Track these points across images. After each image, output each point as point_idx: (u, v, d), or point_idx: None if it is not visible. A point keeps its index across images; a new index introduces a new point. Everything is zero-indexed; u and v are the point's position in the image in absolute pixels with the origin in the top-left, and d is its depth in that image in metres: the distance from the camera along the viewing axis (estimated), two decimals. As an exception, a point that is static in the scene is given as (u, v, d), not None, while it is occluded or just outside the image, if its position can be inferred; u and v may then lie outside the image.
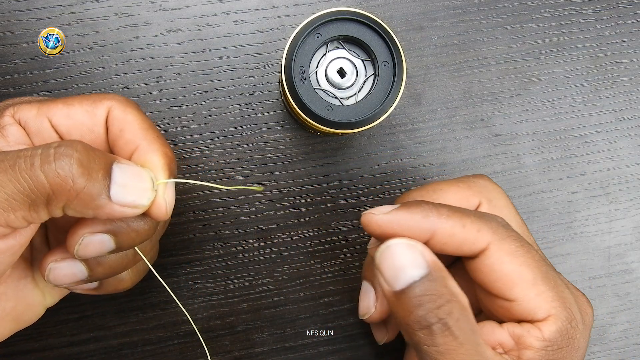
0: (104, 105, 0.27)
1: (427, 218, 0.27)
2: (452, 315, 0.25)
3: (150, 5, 0.38)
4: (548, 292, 0.27)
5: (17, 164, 0.23)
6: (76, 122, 0.27)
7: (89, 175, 0.23)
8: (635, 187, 0.41)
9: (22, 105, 0.27)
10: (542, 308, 0.27)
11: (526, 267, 0.27)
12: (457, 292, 0.26)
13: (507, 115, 0.40)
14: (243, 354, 0.39)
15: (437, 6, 0.39)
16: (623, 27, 0.41)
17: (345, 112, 0.33)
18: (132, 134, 0.27)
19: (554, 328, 0.27)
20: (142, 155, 0.27)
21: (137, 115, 0.28)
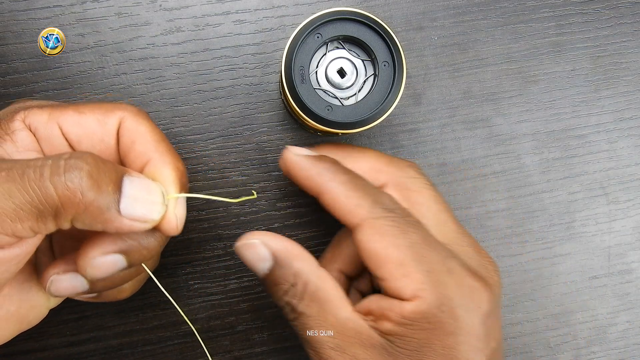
0: (116, 115, 0.27)
1: (320, 175, 0.29)
2: (295, 296, 0.28)
3: (150, 5, 0.38)
4: (416, 275, 0.27)
5: (26, 174, 0.22)
6: (87, 131, 0.27)
7: (98, 188, 0.23)
8: (635, 187, 0.41)
9: (32, 110, 0.27)
10: (407, 288, 0.27)
11: (394, 248, 0.28)
12: (302, 272, 0.28)
13: (507, 115, 0.40)
14: (243, 354, 0.39)
15: (437, 6, 0.39)
16: (623, 27, 0.41)
17: (345, 112, 0.33)
18: (144, 146, 0.27)
19: (414, 308, 0.27)
20: (154, 168, 0.27)
21: (149, 127, 0.28)
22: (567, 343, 0.41)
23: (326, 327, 0.28)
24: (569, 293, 0.41)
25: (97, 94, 0.37)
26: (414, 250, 0.28)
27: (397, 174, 0.32)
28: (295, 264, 0.29)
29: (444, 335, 0.27)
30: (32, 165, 0.23)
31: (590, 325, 0.41)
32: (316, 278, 0.29)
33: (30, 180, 0.22)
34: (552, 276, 0.41)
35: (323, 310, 0.28)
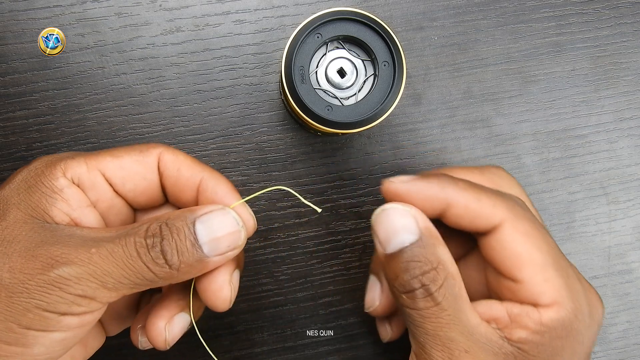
0: (153, 153, 0.29)
1: (444, 189, 0.27)
2: (435, 282, 0.26)
3: (150, 5, 0.38)
4: (556, 279, 0.27)
5: (116, 253, 0.24)
6: (129, 172, 0.28)
7: (183, 253, 0.25)
8: (635, 187, 0.41)
9: (69, 162, 0.27)
10: (547, 294, 0.26)
11: (537, 250, 0.27)
12: (445, 260, 0.27)
13: (507, 115, 0.40)
14: (243, 354, 0.39)
15: (437, 6, 0.39)
16: (623, 27, 0.41)
17: (345, 112, 0.33)
18: (191, 170, 0.29)
19: (555, 316, 0.26)
20: (210, 183, 0.28)
21: (186, 155, 0.29)
22: (567, 343, 0.41)
23: (460, 328, 0.26)
24: (569, 293, 0.41)
25: (97, 94, 0.37)
26: (553, 255, 0.27)
27: (494, 180, 0.31)
28: (439, 249, 0.27)
29: (575, 343, 0.27)
30: (118, 244, 0.25)
31: (590, 325, 0.41)
32: (455, 270, 0.27)
33: (123, 259, 0.24)
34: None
35: (459, 309, 0.26)
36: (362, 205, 0.39)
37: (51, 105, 0.37)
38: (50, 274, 0.23)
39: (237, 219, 0.27)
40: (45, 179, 0.27)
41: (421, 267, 0.26)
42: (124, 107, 0.38)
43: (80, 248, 0.24)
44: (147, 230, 0.25)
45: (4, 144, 0.37)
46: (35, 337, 0.24)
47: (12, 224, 0.25)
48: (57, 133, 0.37)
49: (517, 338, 0.26)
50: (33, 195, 0.26)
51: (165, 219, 0.26)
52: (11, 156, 0.37)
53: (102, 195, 0.28)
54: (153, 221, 0.26)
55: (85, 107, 0.37)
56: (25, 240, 0.25)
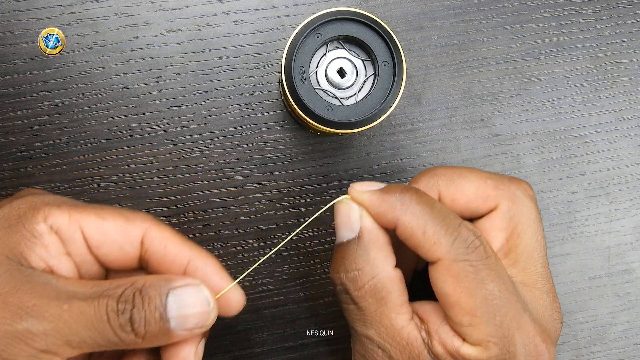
0: (139, 226, 0.28)
1: (394, 209, 0.27)
2: (355, 284, 0.27)
3: (150, 5, 0.38)
4: (484, 327, 0.26)
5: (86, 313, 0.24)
6: (108, 239, 0.28)
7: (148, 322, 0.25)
8: (635, 187, 0.41)
9: (53, 210, 0.27)
10: (472, 337, 0.26)
11: (468, 296, 0.26)
12: (374, 264, 0.27)
13: (507, 115, 0.40)
14: (243, 354, 0.39)
15: (437, 6, 0.39)
16: (623, 27, 0.41)
17: (345, 112, 0.33)
18: (178, 248, 0.28)
19: (473, 354, 0.26)
20: (199, 264, 0.28)
21: (173, 232, 0.29)
22: (567, 343, 0.41)
23: (377, 327, 0.27)
24: (569, 293, 0.41)
25: (97, 94, 0.37)
26: (488, 301, 0.26)
27: (506, 201, 0.30)
28: (372, 252, 0.27)
29: None
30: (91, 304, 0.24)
31: (590, 325, 0.41)
32: (387, 277, 0.27)
33: (92, 320, 0.24)
34: (552, 276, 0.41)
35: (381, 311, 0.27)
36: (362, 205, 0.39)
37: (51, 105, 0.37)
38: (18, 326, 0.23)
39: (209, 299, 0.27)
40: (27, 221, 0.26)
41: (345, 266, 0.27)
42: (124, 107, 0.38)
43: (52, 302, 0.24)
44: (121, 296, 0.25)
45: (4, 144, 0.37)
46: None
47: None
48: (57, 133, 0.37)
49: (436, 351, 0.27)
50: (13, 236, 0.26)
51: (141, 286, 0.25)
52: (11, 156, 0.37)
53: (77, 250, 0.27)
54: (128, 285, 0.25)
55: (85, 107, 0.37)
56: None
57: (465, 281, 0.26)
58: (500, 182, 0.30)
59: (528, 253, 0.30)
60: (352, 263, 0.27)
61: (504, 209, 0.30)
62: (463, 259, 0.26)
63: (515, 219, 0.30)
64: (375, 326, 0.27)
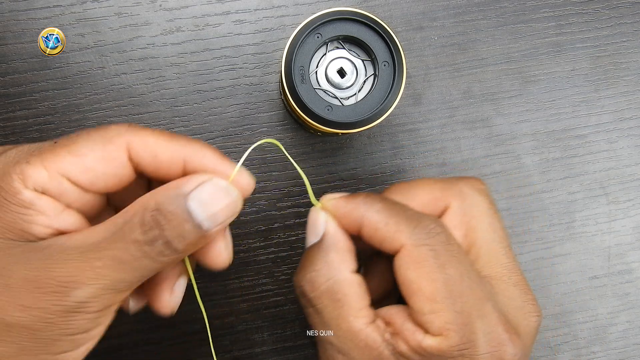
0: (118, 144, 0.25)
1: (357, 208, 0.28)
2: (312, 284, 0.27)
3: (150, 5, 0.38)
4: (445, 314, 0.26)
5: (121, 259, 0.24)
6: (95, 173, 0.25)
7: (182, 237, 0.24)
8: (635, 187, 0.41)
9: (24, 169, 0.24)
10: (433, 324, 0.26)
11: (428, 282, 0.26)
12: (331, 266, 0.27)
13: (507, 115, 0.40)
14: (243, 354, 0.39)
15: (437, 6, 0.39)
16: (623, 27, 0.41)
17: (345, 112, 0.33)
18: (169, 151, 0.26)
19: (435, 345, 0.26)
20: (196, 159, 0.26)
21: (157, 134, 0.27)
22: (567, 343, 0.41)
23: (335, 331, 0.27)
24: (569, 293, 0.41)
25: (97, 94, 0.37)
26: (449, 287, 0.26)
27: (455, 199, 0.30)
28: (331, 254, 0.28)
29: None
30: (118, 248, 0.24)
31: (590, 325, 0.41)
32: (343, 279, 0.27)
33: (129, 262, 0.24)
34: (552, 276, 0.41)
35: (338, 314, 0.27)
36: (362, 205, 0.39)
37: (51, 105, 0.37)
38: (66, 302, 0.23)
39: (228, 188, 0.26)
40: (6, 194, 0.24)
41: (305, 268, 0.28)
42: (124, 107, 0.38)
43: (83, 264, 0.23)
44: (142, 224, 0.24)
45: (4, 144, 0.37)
46: (66, 357, 0.24)
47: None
48: (57, 133, 0.37)
49: (399, 349, 0.27)
50: (5, 216, 0.24)
51: (154, 205, 0.24)
52: (11, 156, 0.37)
53: (72, 197, 0.25)
54: (140, 210, 0.24)
55: (85, 107, 0.37)
56: (20, 269, 0.23)
57: (427, 265, 0.26)
58: (448, 183, 0.31)
59: (487, 246, 0.30)
60: (311, 265, 0.28)
61: (455, 207, 0.30)
62: (424, 243, 0.27)
63: (467, 214, 0.30)
64: (334, 330, 0.27)
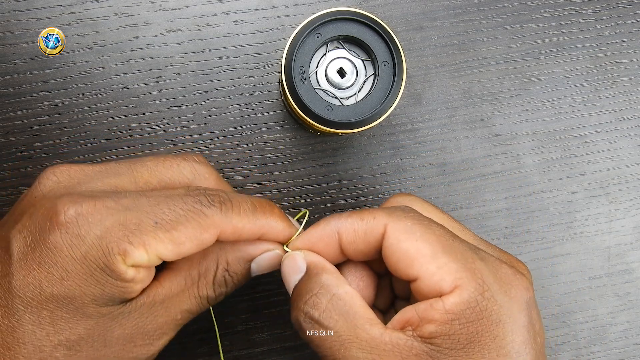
0: (212, 235, 0.27)
1: (328, 223, 0.29)
2: (317, 307, 0.27)
3: (150, 5, 0.38)
4: (451, 264, 0.26)
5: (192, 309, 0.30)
6: (185, 254, 0.27)
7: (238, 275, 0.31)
8: (635, 187, 0.41)
9: (128, 249, 0.25)
10: (446, 280, 0.25)
11: (423, 242, 0.26)
12: (328, 284, 0.27)
13: (507, 115, 0.40)
14: (243, 354, 0.39)
15: (437, 6, 0.39)
16: (623, 27, 0.41)
17: (345, 112, 0.33)
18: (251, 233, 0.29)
19: (458, 299, 0.25)
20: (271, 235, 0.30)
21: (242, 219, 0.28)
22: (567, 343, 0.41)
23: (357, 344, 0.26)
24: (569, 293, 0.41)
25: (97, 94, 0.37)
26: (443, 242, 0.27)
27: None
28: (323, 277, 0.28)
29: (491, 325, 0.25)
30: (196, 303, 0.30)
31: (590, 325, 0.41)
32: (344, 292, 0.27)
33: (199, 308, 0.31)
34: (552, 276, 0.41)
35: (353, 326, 0.26)
36: (362, 205, 0.39)
37: (51, 105, 0.37)
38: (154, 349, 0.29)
39: (280, 254, 0.30)
40: (112, 274, 0.26)
41: (302, 298, 0.27)
42: (124, 107, 0.38)
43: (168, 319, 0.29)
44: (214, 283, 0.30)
45: (4, 144, 0.37)
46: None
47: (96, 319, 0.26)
48: (57, 133, 0.37)
49: (428, 334, 0.25)
50: (105, 289, 0.26)
51: (225, 265, 0.30)
52: (11, 156, 0.37)
53: None
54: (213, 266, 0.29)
55: (85, 107, 0.37)
56: (115, 329, 0.27)
57: (416, 231, 0.27)
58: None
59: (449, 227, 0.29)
60: (306, 293, 0.27)
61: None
62: (404, 217, 0.28)
63: None
64: (353, 343, 0.26)
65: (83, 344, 0.26)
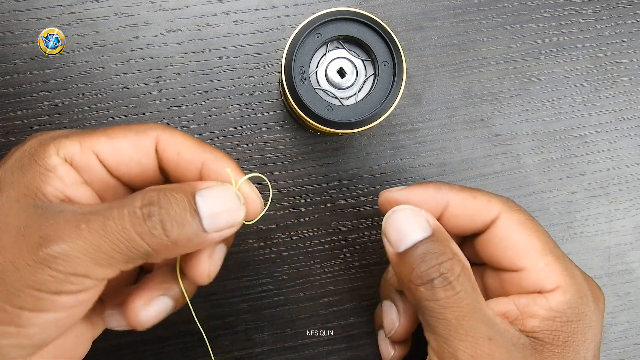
0: (149, 136, 0.27)
1: (440, 190, 0.29)
2: (453, 271, 0.26)
3: (150, 5, 0.38)
4: (557, 264, 0.27)
5: (107, 226, 0.23)
6: (123, 156, 0.27)
7: (180, 224, 0.24)
8: (635, 187, 0.41)
9: (62, 141, 0.26)
10: (550, 278, 0.27)
11: (536, 238, 0.28)
12: (459, 253, 0.27)
13: (507, 115, 0.40)
14: (243, 354, 0.39)
15: (437, 6, 0.39)
16: (623, 27, 0.41)
17: (345, 112, 0.33)
18: (192, 153, 0.27)
19: (562, 299, 0.27)
20: (213, 166, 0.27)
21: (185, 135, 0.28)
22: (567, 343, 0.41)
23: (480, 317, 0.26)
24: (569, 293, 0.41)
25: (97, 94, 0.37)
26: (550, 242, 0.28)
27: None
28: (452, 244, 0.28)
29: (585, 328, 0.27)
30: (109, 216, 0.23)
31: (590, 325, 0.41)
32: (469, 267, 0.27)
33: (114, 232, 0.23)
34: (552, 276, 0.41)
35: (477, 300, 0.26)
36: (362, 205, 0.39)
37: (51, 105, 0.37)
38: (39, 252, 0.23)
39: (238, 194, 0.26)
40: (38, 157, 0.26)
41: (438, 257, 0.27)
42: (124, 107, 0.38)
43: (69, 224, 0.23)
44: (143, 198, 0.24)
45: (4, 144, 0.37)
46: (29, 317, 0.23)
47: (4, 203, 0.24)
48: (57, 133, 0.37)
49: (531, 327, 0.27)
50: (26, 174, 0.25)
51: (164, 189, 0.24)
52: (11, 156, 0.37)
53: (96, 176, 0.27)
54: (149, 190, 0.24)
55: (85, 107, 0.37)
56: (16, 219, 0.24)
57: (530, 226, 0.28)
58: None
59: None
60: (442, 255, 0.27)
61: None
62: (519, 209, 0.29)
63: None
64: (477, 314, 0.26)
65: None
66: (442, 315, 0.26)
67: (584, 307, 0.27)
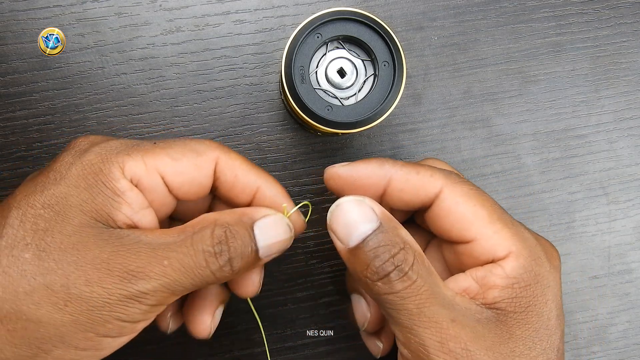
0: (210, 158, 0.28)
1: (382, 166, 0.29)
2: (407, 261, 0.26)
3: (150, 5, 0.38)
4: (506, 230, 0.27)
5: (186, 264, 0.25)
6: (186, 177, 0.28)
7: (244, 258, 0.27)
8: (635, 187, 0.41)
9: (127, 160, 0.26)
10: (501, 245, 0.27)
11: (481, 207, 0.28)
12: (409, 240, 0.27)
13: (507, 115, 0.40)
14: (243, 354, 0.39)
15: (437, 6, 0.39)
16: (623, 27, 0.41)
17: (345, 112, 0.33)
18: (248, 176, 0.29)
19: (516, 264, 0.27)
20: (268, 192, 0.30)
21: (242, 158, 0.29)
22: (567, 343, 0.41)
23: (440, 301, 0.26)
24: (569, 293, 0.41)
25: (97, 94, 0.37)
26: (497, 209, 0.28)
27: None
28: (401, 231, 0.27)
29: (544, 289, 0.27)
30: (187, 254, 0.26)
31: (590, 325, 0.41)
32: (421, 251, 0.27)
33: (193, 269, 0.26)
34: (552, 276, 0.41)
35: (434, 284, 0.26)
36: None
37: (51, 105, 0.37)
38: (130, 289, 0.25)
39: (290, 226, 0.29)
40: (105, 178, 0.26)
41: (389, 250, 0.26)
42: (124, 107, 0.38)
43: (152, 260, 0.25)
44: (213, 237, 0.26)
45: (4, 144, 0.37)
46: (109, 342, 0.25)
47: (78, 229, 0.25)
48: (57, 133, 0.37)
49: (492, 299, 0.27)
50: (96, 198, 0.26)
51: (226, 224, 0.26)
52: (11, 156, 0.37)
53: (158, 196, 0.28)
54: (210, 225, 0.26)
55: (85, 107, 0.37)
56: (95, 248, 0.25)
57: (474, 196, 0.28)
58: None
59: None
60: (393, 246, 0.26)
61: None
62: (461, 181, 0.28)
63: None
64: (436, 299, 0.26)
65: (55, 250, 0.25)
66: (403, 306, 0.26)
67: (539, 268, 0.27)
